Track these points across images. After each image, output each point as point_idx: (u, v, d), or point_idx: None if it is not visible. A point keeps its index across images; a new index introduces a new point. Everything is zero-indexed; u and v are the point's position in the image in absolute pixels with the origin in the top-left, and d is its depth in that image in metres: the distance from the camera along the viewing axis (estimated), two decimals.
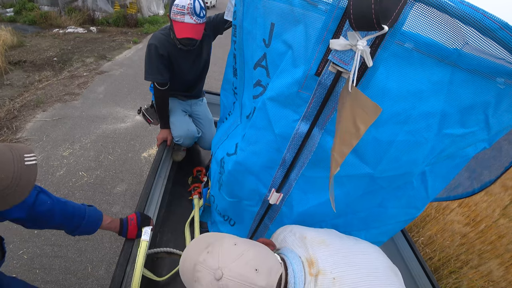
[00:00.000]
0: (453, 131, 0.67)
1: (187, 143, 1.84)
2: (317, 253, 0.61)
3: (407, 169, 0.78)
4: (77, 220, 0.94)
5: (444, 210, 2.89)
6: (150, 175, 1.47)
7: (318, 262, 0.59)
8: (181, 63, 1.64)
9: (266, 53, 0.78)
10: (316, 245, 0.64)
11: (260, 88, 0.84)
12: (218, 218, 1.33)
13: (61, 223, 0.91)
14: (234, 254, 0.54)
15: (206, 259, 0.53)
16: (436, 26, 0.50)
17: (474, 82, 0.59)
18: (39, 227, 0.89)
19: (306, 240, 0.66)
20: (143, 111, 1.90)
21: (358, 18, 0.41)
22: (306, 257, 0.61)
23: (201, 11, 1.39)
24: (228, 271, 0.51)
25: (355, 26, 0.44)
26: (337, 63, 0.57)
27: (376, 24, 0.39)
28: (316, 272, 0.57)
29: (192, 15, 1.36)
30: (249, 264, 0.53)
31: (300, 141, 0.75)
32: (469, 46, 0.51)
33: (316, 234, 0.68)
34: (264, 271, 0.53)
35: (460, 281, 2.18)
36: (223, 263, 0.52)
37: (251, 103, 0.92)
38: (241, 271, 0.51)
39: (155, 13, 9.87)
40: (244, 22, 0.88)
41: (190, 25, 1.39)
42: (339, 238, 0.69)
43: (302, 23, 0.65)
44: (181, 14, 1.35)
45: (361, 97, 0.50)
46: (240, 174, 0.97)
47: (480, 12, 0.45)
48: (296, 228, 0.74)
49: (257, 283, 0.51)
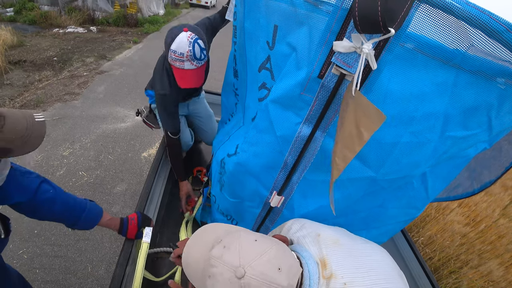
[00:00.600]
0: (456, 133, 0.67)
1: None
2: (330, 254, 0.60)
3: (409, 172, 0.77)
4: (77, 213, 0.95)
5: (444, 210, 2.89)
6: (150, 175, 1.47)
7: (331, 264, 0.57)
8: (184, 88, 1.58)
9: (270, 56, 0.77)
10: (330, 244, 0.62)
11: (265, 91, 0.83)
12: (220, 217, 1.33)
13: (61, 214, 0.92)
14: (256, 252, 0.51)
15: (223, 255, 0.51)
16: (441, 27, 0.49)
17: (478, 84, 0.58)
18: (40, 216, 0.90)
19: (320, 238, 0.64)
20: (144, 118, 1.86)
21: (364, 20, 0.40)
22: (320, 258, 0.59)
23: (201, 54, 1.26)
24: (250, 270, 0.49)
25: (361, 29, 0.42)
26: (340, 65, 0.56)
27: (382, 27, 0.38)
28: (329, 275, 0.56)
29: (193, 61, 1.25)
30: (272, 263, 0.51)
31: (302, 144, 0.74)
32: (474, 48, 0.50)
33: (330, 233, 0.66)
34: (286, 270, 0.51)
35: (460, 281, 2.18)
36: (244, 260, 0.50)
37: (256, 106, 0.92)
38: (264, 270, 0.49)
39: (155, 13, 9.86)
40: (245, 23, 0.88)
41: (192, 72, 1.28)
42: (350, 238, 0.67)
43: (305, 24, 0.64)
44: (180, 61, 1.24)
45: (364, 102, 0.50)
46: (241, 175, 0.97)
47: (486, 14, 0.45)
48: (308, 223, 0.71)
49: (280, 283, 0.49)
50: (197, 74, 1.31)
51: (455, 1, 0.45)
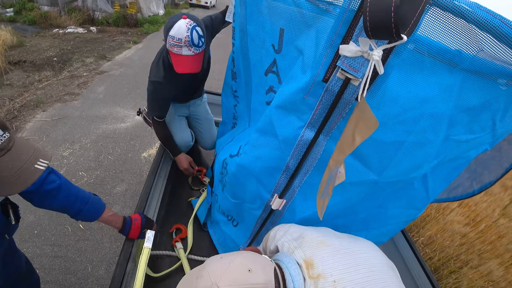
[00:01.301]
0: (460, 136, 0.66)
1: (182, 150, 1.81)
2: (317, 254, 0.60)
3: (411, 174, 0.77)
4: (79, 204, 0.98)
5: (444, 210, 2.89)
6: (150, 175, 1.47)
7: (318, 264, 0.58)
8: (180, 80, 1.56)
9: (276, 59, 0.76)
10: (315, 245, 0.63)
11: (273, 94, 0.82)
12: (221, 217, 1.33)
13: (65, 203, 0.96)
14: (222, 266, 0.54)
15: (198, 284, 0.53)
16: (451, 31, 0.49)
17: (485, 88, 0.57)
18: (46, 204, 0.94)
19: (304, 241, 0.65)
20: (144, 115, 1.87)
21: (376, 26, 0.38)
22: (305, 259, 0.60)
23: (199, 41, 1.27)
24: (223, 282, 0.50)
25: (371, 35, 0.40)
26: (346, 69, 0.55)
27: (395, 34, 0.36)
28: (317, 275, 0.56)
29: (190, 47, 1.25)
30: (240, 268, 0.52)
31: (304, 148, 0.74)
32: (483, 53, 0.49)
33: (315, 234, 0.67)
34: (258, 269, 0.53)
35: (460, 281, 2.18)
36: (215, 277, 0.51)
37: (263, 109, 0.91)
38: (235, 276, 0.51)
39: (155, 13, 9.86)
40: (248, 26, 0.87)
41: (189, 58, 1.28)
42: (337, 237, 0.68)
43: (311, 27, 0.63)
44: (178, 46, 1.25)
45: (367, 109, 0.49)
46: (243, 176, 0.97)
47: (498, 18, 0.44)
48: (293, 228, 0.72)
49: (255, 281, 0.51)
50: (194, 61, 1.31)
51: (466, 4, 0.45)
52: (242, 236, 1.19)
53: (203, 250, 1.40)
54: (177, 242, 1.36)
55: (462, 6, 0.45)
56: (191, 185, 1.79)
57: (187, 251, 1.34)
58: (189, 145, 1.87)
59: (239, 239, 1.21)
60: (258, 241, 1.09)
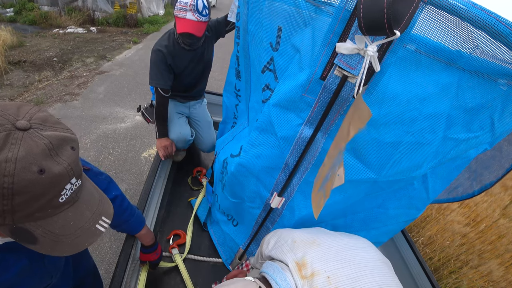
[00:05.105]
0: (459, 135, 0.66)
1: (180, 146, 1.83)
2: (309, 254, 0.60)
3: (411, 173, 0.77)
4: (127, 216, 0.98)
5: (444, 211, 2.89)
6: (150, 175, 1.47)
7: (311, 263, 0.58)
8: (183, 64, 1.64)
9: (273, 57, 0.77)
10: (308, 246, 0.63)
11: (269, 92, 0.83)
12: (221, 217, 1.33)
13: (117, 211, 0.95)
14: None
15: None
16: (446, 29, 0.49)
17: (482, 86, 0.58)
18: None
19: (295, 244, 0.65)
20: (143, 110, 1.89)
21: (369, 22, 0.38)
22: (297, 261, 0.60)
23: (203, 9, 1.41)
24: None
25: (365, 31, 0.41)
26: (343, 67, 0.56)
27: (388, 30, 0.37)
28: (310, 274, 0.56)
29: (194, 12, 1.39)
30: None
31: (303, 145, 0.74)
32: (479, 51, 0.49)
33: (305, 236, 0.67)
34: None
35: (460, 281, 2.18)
36: None
37: (260, 107, 0.92)
38: None
39: (155, 13, 9.86)
40: (249, 25, 0.87)
41: (191, 21, 1.41)
42: (329, 235, 0.68)
43: (309, 26, 0.64)
44: (184, 10, 1.39)
45: (362, 105, 0.49)
46: (242, 176, 0.97)
47: (492, 16, 0.44)
48: (285, 233, 0.71)
49: None
50: (196, 26, 1.44)
51: (460, 3, 0.45)
52: (242, 235, 1.19)
53: (203, 250, 1.40)
54: (173, 248, 1.34)
55: (456, 5, 0.45)
56: (191, 185, 1.79)
57: (184, 253, 1.33)
58: (187, 140, 1.87)
59: (239, 238, 1.21)
60: (257, 241, 1.09)
